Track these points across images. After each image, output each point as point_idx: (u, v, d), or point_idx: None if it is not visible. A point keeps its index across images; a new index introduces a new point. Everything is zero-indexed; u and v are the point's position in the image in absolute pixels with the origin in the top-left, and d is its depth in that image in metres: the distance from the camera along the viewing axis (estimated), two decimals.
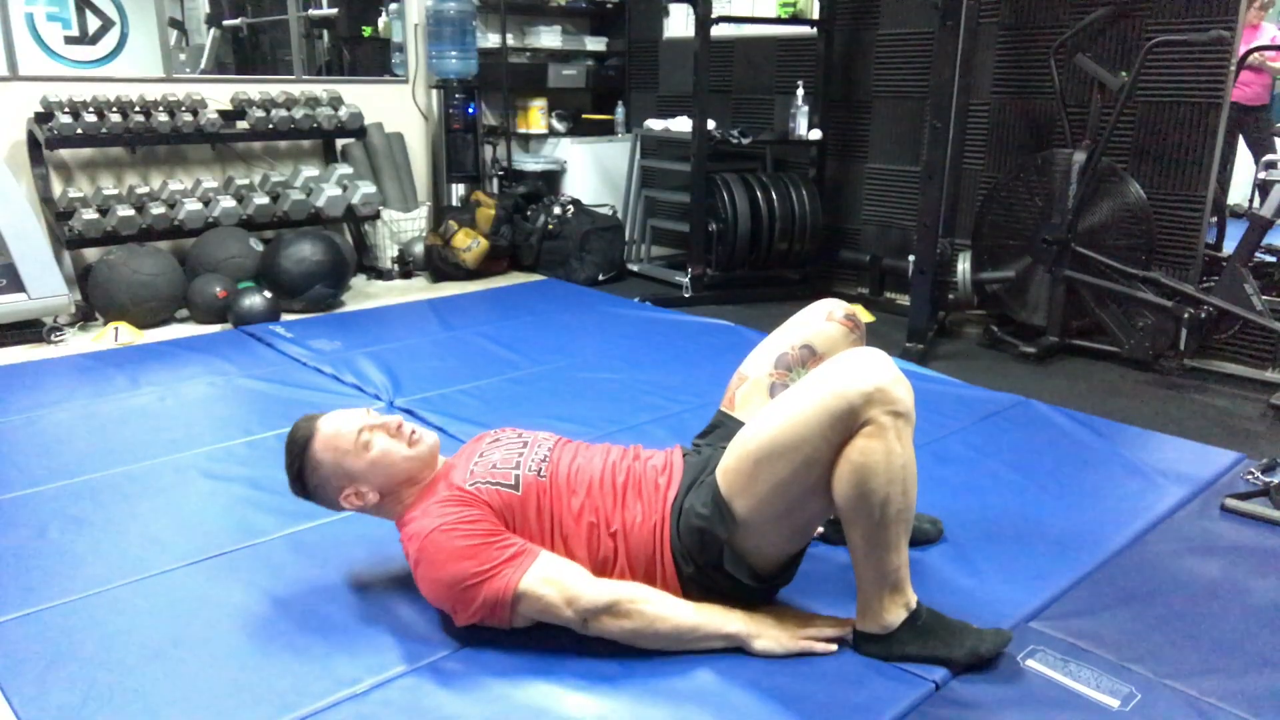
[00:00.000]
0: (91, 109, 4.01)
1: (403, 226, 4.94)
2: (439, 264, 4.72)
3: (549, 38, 5.48)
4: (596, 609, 1.54)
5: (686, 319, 3.85)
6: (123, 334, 3.63)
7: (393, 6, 5.17)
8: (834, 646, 1.59)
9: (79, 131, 3.90)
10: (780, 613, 1.65)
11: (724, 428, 1.80)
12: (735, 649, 1.59)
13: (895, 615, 1.55)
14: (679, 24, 5.34)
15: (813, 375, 1.51)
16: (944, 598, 1.69)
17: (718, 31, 4.46)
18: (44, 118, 3.95)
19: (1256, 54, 5.39)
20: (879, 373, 1.44)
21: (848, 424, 1.43)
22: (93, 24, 4.33)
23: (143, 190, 4.21)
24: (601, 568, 1.63)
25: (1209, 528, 2.10)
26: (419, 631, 1.67)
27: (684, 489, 1.65)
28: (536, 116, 5.46)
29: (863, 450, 1.43)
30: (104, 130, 3.99)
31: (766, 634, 1.59)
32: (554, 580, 1.54)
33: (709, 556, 1.59)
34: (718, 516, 1.56)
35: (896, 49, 4.39)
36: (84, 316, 3.84)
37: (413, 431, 1.69)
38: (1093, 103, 3.53)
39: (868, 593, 1.56)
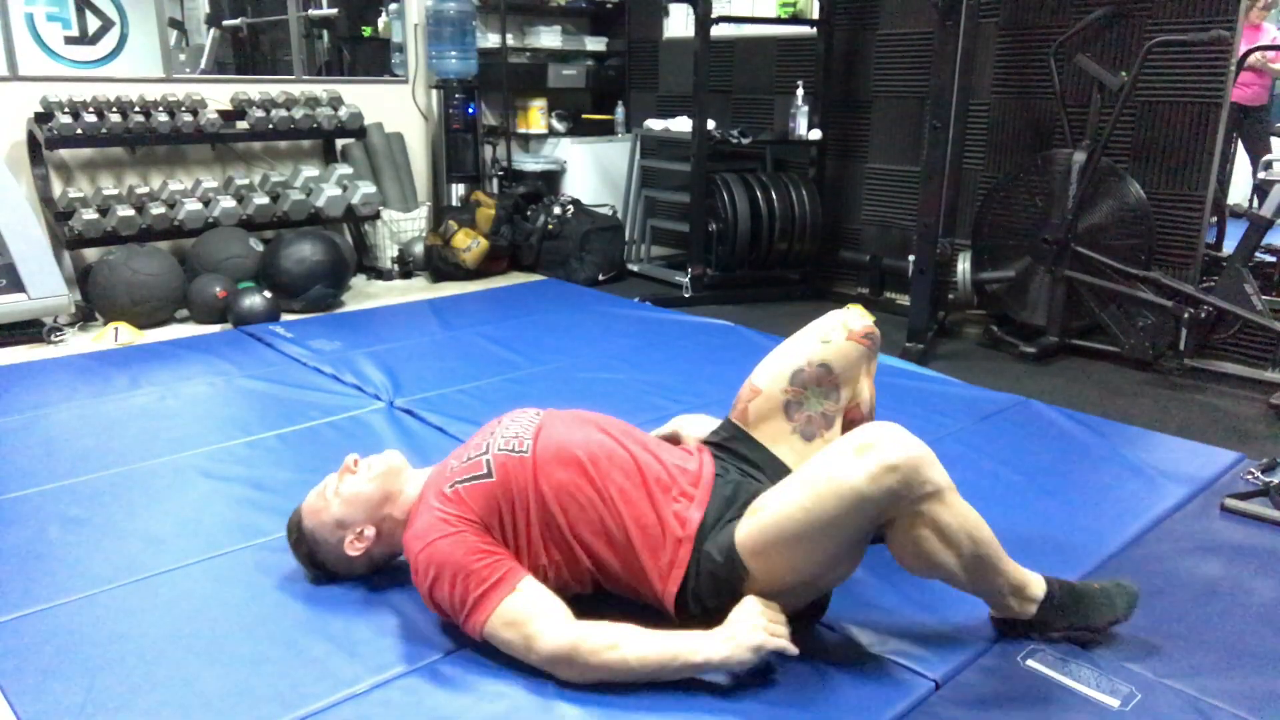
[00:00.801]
0: (91, 109, 4.01)
1: (403, 226, 4.94)
2: (439, 264, 4.72)
3: (549, 38, 5.48)
4: (553, 659, 1.48)
5: (686, 319, 3.85)
6: (123, 334, 3.63)
7: (393, 6, 5.17)
8: (794, 649, 1.48)
9: (79, 132, 3.90)
10: (738, 614, 1.50)
11: (740, 442, 1.75)
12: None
13: (1028, 609, 1.59)
14: (679, 24, 5.34)
15: (827, 459, 1.44)
16: (944, 597, 1.69)
17: (718, 31, 4.46)
18: (44, 118, 3.95)
19: (1257, 55, 5.38)
20: (901, 472, 1.38)
21: (875, 519, 1.43)
22: (93, 24, 4.33)
23: (143, 190, 4.21)
24: (608, 543, 1.58)
25: (1209, 528, 2.10)
26: (419, 631, 1.66)
27: (710, 521, 1.56)
28: (536, 116, 5.46)
29: (914, 539, 1.45)
30: (104, 130, 3.99)
31: (736, 651, 1.46)
32: (517, 623, 1.50)
33: (724, 600, 1.52)
34: (728, 568, 1.51)
35: (896, 49, 4.39)
36: (84, 316, 3.84)
37: (369, 463, 1.74)
38: (1093, 103, 3.53)
39: (993, 602, 1.60)
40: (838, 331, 1.74)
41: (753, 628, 1.46)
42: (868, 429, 1.45)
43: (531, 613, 1.50)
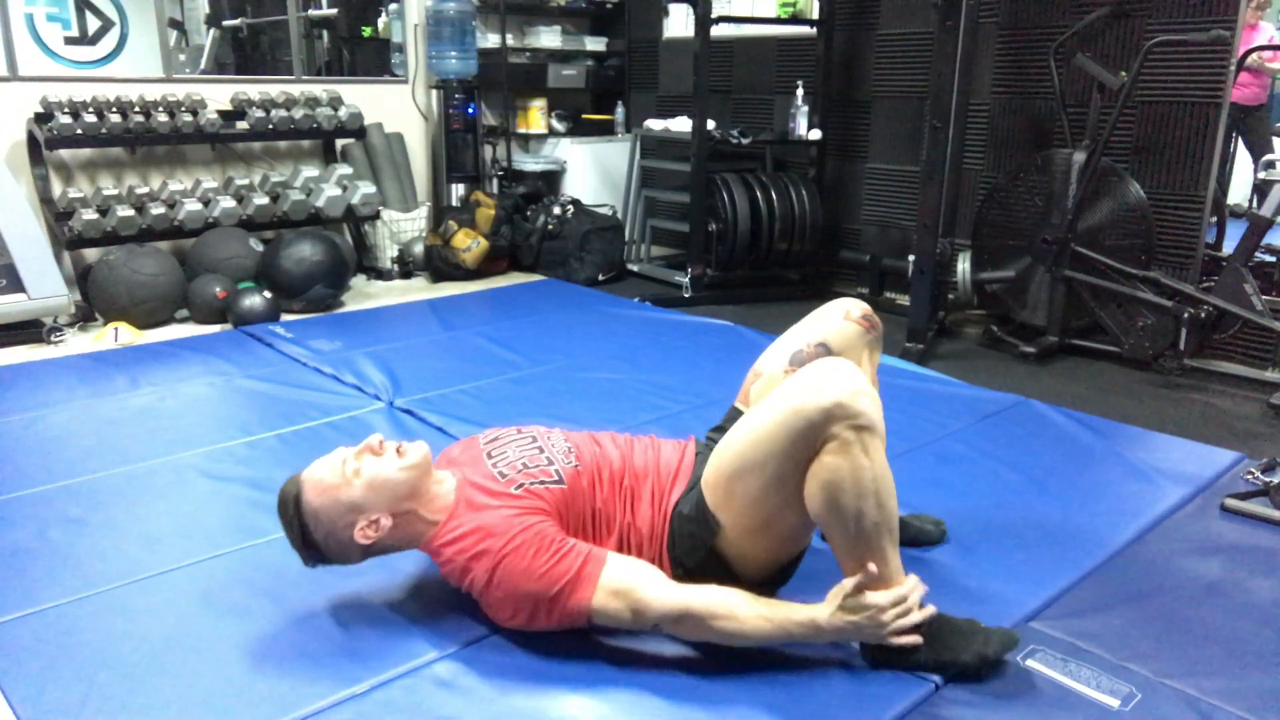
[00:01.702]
0: (91, 109, 4.01)
1: (402, 227, 4.94)
2: (439, 264, 4.72)
3: (549, 38, 5.48)
4: (665, 619, 1.50)
5: (686, 319, 3.85)
6: (122, 334, 3.63)
7: (392, 6, 5.17)
8: (919, 638, 1.50)
9: (79, 132, 3.90)
10: (861, 598, 1.49)
11: (732, 420, 1.80)
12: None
13: None
14: (679, 24, 5.34)
15: (777, 390, 1.51)
16: (944, 597, 1.68)
17: (718, 31, 4.46)
18: (44, 118, 3.95)
19: (1254, 55, 5.38)
20: (839, 387, 1.41)
21: (809, 441, 1.42)
22: (92, 24, 4.33)
23: (142, 190, 4.21)
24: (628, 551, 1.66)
25: (1209, 527, 2.10)
26: (419, 632, 1.66)
27: (685, 489, 1.67)
28: (536, 116, 5.46)
29: (828, 467, 1.42)
30: (104, 130, 3.99)
31: (853, 629, 1.49)
32: (622, 592, 1.51)
33: (698, 559, 1.60)
34: (702, 522, 1.58)
35: (896, 49, 4.39)
36: (84, 317, 3.84)
37: (397, 446, 1.62)
38: (1093, 103, 3.53)
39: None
40: (835, 314, 1.82)
41: (874, 623, 1.48)
42: (812, 364, 1.51)
43: (633, 581, 1.52)
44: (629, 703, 1.49)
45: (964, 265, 3.87)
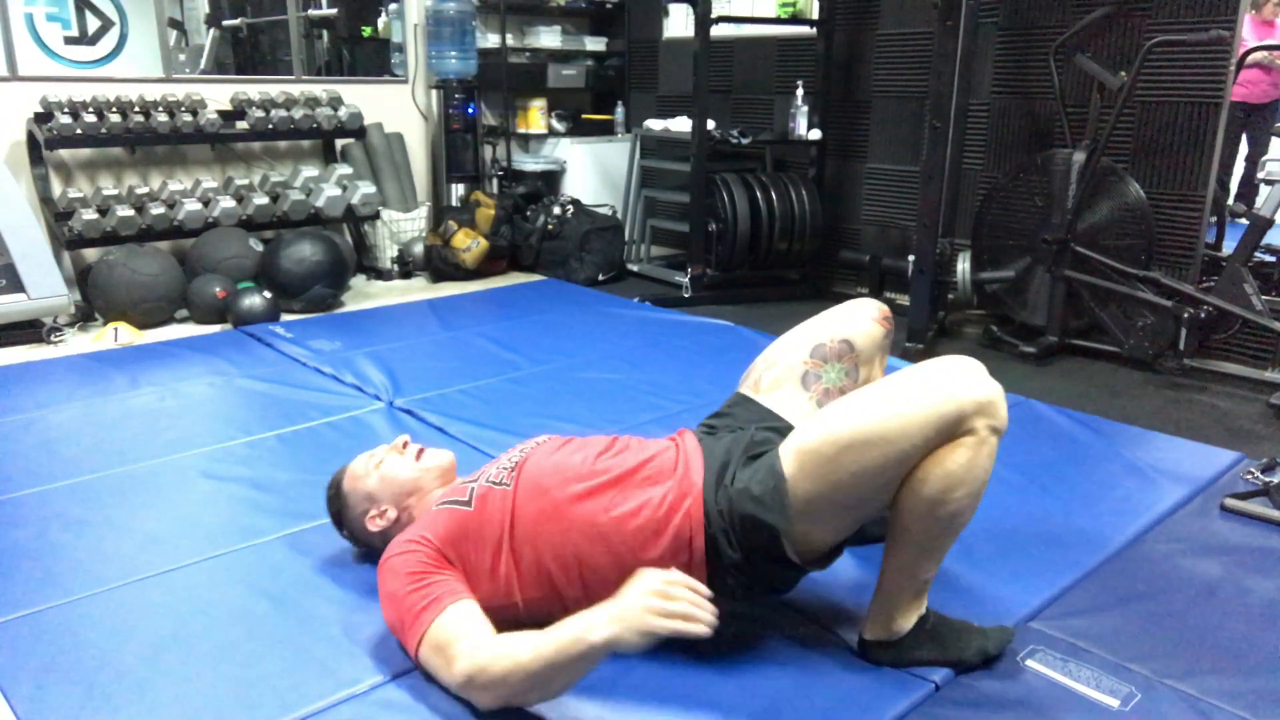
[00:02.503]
0: (91, 109, 4.01)
1: (402, 227, 4.94)
2: (439, 264, 4.72)
3: (549, 38, 5.48)
4: (459, 687, 1.42)
5: (686, 319, 3.85)
6: (122, 334, 3.63)
7: (392, 6, 5.17)
8: (705, 628, 1.28)
9: (78, 132, 3.90)
10: (626, 592, 1.33)
11: (743, 406, 1.75)
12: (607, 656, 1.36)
13: (908, 621, 1.54)
14: (679, 24, 5.34)
15: (913, 373, 1.45)
16: (944, 598, 1.69)
17: (717, 31, 4.46)
18: (44, 118, 3.95)
19: (1266, 52, 5.37)
20: (990, 386, 1.42)
21: (951, 430, 1.39)
22: (92, 24, 4.33)
23: (142, 190, 4.21)
24: (606, 562, 1.49)
25: (1209, 527, 2.10)
26: None
27: (720, 467, 1.53)
28: (536, 116, 5.45)
29: (957, 459, 1.40)
30: (103, 130, 3.99)
31: (625, 630, 1.29)
32: (441, 646, 1.43)
33: (757, 543, 1.47)
34: (776, 500, 1.44)
35: (896, 49, 4.39)
36: (84, 317, 3.84)
37: (420, 449, 1.76)
38: (1092, 103, 3.53)
39: (892, 599, 1.53)
40: (862, 313, 1.79)
41: (641, 609, 1.28)
42: (951, 358, 1.48)
43: (455, 634, 1.43)
44: (629, 703, 1.48)
45: (964, 265, 3.87)
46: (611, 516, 1.51)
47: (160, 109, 4.18)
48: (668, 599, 1.28)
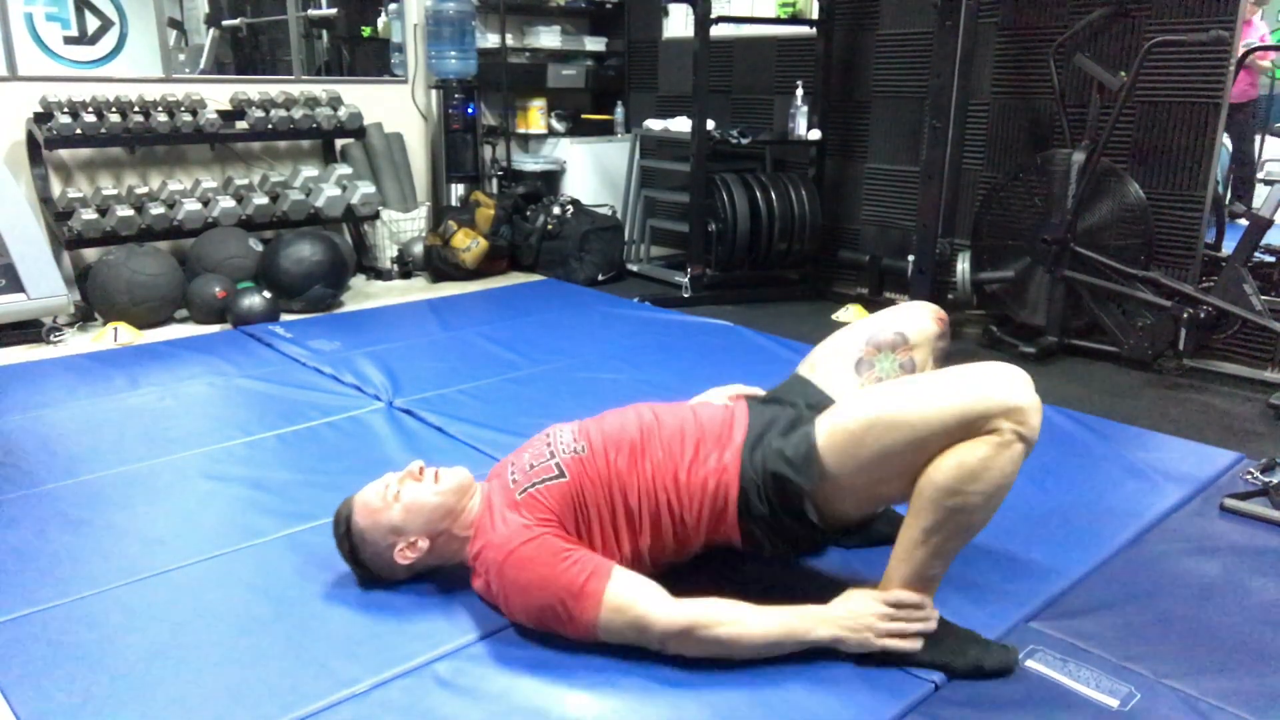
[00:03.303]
0: (91, 109, 4.01)
1: (402, 227, 4.94)
2: (438, 264, 4.72)
3: (548, 38, 5.48)
4: (669, 635, 1.51)
5: (686, 319, 3.85)
6: (122, 334, 3.63)
7: (392, 6, 5.17)
8: (918, 644, 1.53)
9: (78, 132, 3.90)
10: (856, 604, 1.56)
11: (795, 386, 1.83)
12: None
13: None
14: (678, 24, 5.34)
15: (958, 369, 1.51)
16: (944, 597, 1.68)
17: (717, 31, 4.46)
18: (43, 118, 3.95)
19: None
20: (1026, 394, 1.44)
21: (976, 424, 1.42)
22: (92, 24, 4.32)
23: (142, 190, 4.21)
24: (665, 511, 1.63)
25: (1208, 527, 2.10)
26: (418, 632, 1.66)
27: (762, 430, 1.64)
28: (536, 116, 5.45)
29: (976, 453, 1.42)
30: (103, 130, 3.99)
31: (850, 636, 1.53)
32: (624, 608, 1.52)
33: (783, 499, 1.57)
34: (805, 463, 1.54)
35: (896, 49, 4.39)
36: (83, 317, 3.84)
37: (436, 472, 1.73)
38: (1092, 103, 3.53)
39: (894, 588, 1.56)
40: (921, 311, 1.86)
41: (870, 622, 1.52)
42: (996, 364, 1.52)
43: (635, 596, 1.53)
44: (629, 703, 1.49)
45: (963, 265, 3.87)
46: (674, 467, 1.64)
47: (160, 109, 4.18)
48: (891, 620, 1.53)
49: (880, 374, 1.78)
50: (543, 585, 1.54)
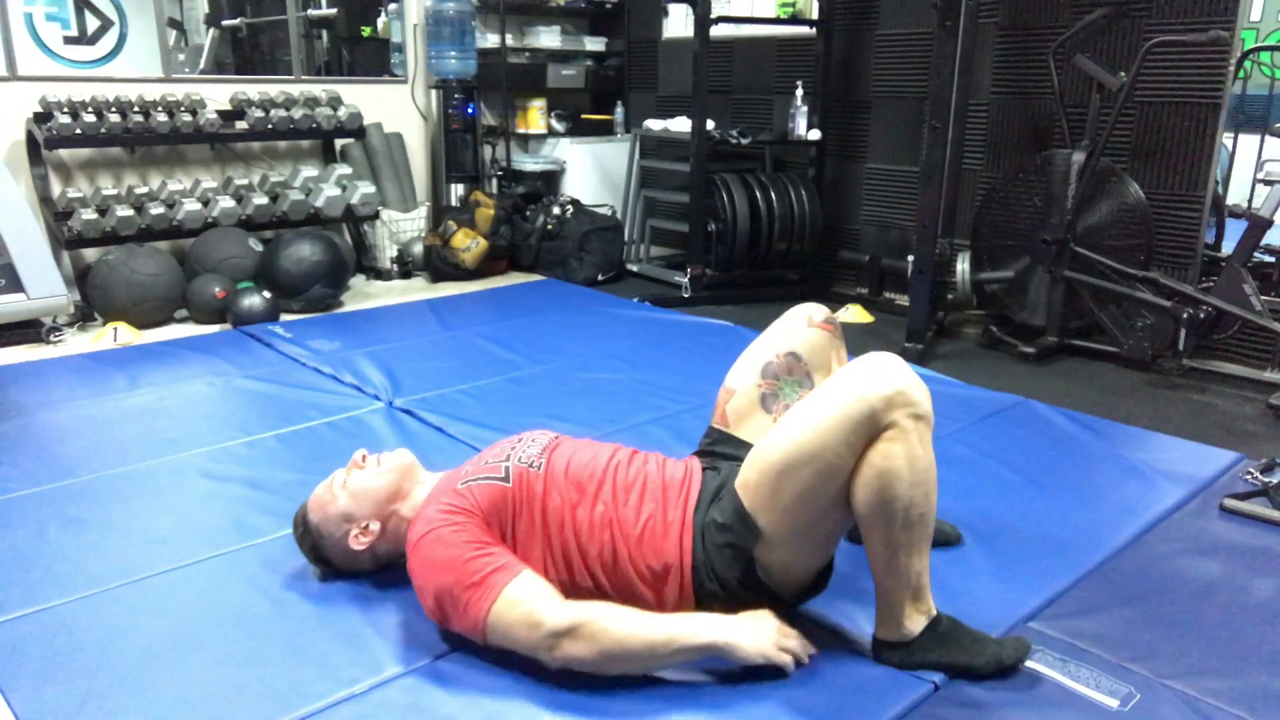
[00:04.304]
0: (90, 109, 4.01)
1: (402, 227, 4.94)
2: (438, 264, 4.72)
3: (548, 38, 5.48)
4: (559, 631, 1.46)
5: (686, 319, 3.85)
6: (122, 334, 3.63)
7: (392, 6, 5.17)
8: (792, 666, 1.52)
9: (78, 132, 3.90)
10: (757, 615, 1.54)
11: (725, 443, 1.77)
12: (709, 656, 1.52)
13: (916, 623, 1.53)
14: (678, 24, 5.34)
15: (829, 383, 1.49)
16: (944, 598, 1.68)
17: (717, 31, 4.46)
18: (43, 118, 3.95)
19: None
20: (898, 376, 1.43)
21: (870, 428, 1.41)
22: (92, 24, 4.32)
23: (141, 190, 4.21)
24: (610, 563, 1.58)
25: (1208, 528, 2.10)
26: (418, 632, 1.66)
27: (705, 502, 1.60)
28: (536, 116, 5.45)
29: (885, 454, 1.41)
30: (103, 130, 3.99)
31: (745, 642, 1.49)
32: (518, 603, 1.48)
33: (738, 571, 1.54)
34: (741, 529, 1.52)
35: (896, 49, 4.39)
36: (83, 317, 3.84)
37: (378, 459, 1.76)
38: (1092, 103, 3.54)
39: (889, 600, 1.53)
40: (799, 322, 1.82)
41: (770, 634, 1.50)
42: (862, 358, 1.50)
43: (533, 594, 1.49)
44: (628, 703, 1.48)
45: (963, 265, 3.87)
46: (625, 525, 1.58)
47: (160, 109, 4.18)
48: (787, 636, 1.52)
49: (786, 401, 1.75)
50: (449, 567, 1.51)
